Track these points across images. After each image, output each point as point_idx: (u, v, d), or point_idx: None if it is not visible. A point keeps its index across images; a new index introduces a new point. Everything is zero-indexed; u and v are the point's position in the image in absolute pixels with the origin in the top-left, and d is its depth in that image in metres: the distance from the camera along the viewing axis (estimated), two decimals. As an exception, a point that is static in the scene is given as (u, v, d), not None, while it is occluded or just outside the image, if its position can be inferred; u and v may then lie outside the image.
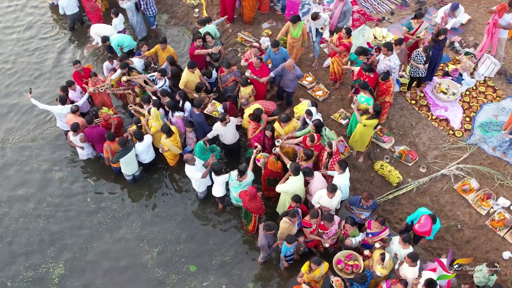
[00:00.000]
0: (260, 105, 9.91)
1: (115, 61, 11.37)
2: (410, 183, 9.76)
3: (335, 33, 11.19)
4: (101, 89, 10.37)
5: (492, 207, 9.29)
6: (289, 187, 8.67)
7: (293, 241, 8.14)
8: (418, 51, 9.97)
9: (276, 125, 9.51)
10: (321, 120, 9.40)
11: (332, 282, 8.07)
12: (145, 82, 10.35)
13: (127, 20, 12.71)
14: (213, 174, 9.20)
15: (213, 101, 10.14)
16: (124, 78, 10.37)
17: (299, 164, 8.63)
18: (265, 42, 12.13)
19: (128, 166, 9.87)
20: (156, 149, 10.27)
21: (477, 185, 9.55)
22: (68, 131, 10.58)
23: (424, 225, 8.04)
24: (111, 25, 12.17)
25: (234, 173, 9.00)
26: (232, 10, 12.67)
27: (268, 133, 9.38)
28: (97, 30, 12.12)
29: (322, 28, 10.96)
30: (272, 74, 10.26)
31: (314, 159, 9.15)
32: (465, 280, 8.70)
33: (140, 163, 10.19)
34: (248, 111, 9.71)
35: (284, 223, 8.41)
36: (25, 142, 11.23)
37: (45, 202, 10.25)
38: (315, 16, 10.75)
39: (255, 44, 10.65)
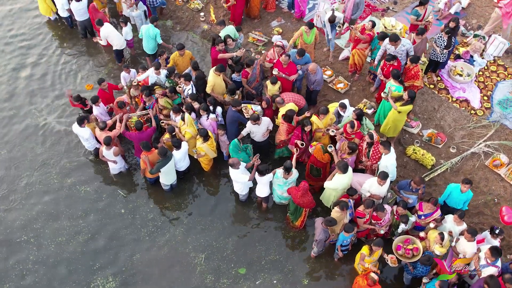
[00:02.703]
0: (292, 99, 10.02)
1: (131, 70, 11.23)
2: (444, 164, 10.10)
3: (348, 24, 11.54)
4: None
5: (524, 179, 9.75)
6: (337, 184, 8.83)
7: (351, 231, 8.30)
8: (441, 35, 10.32)
9: (314, 118, 9.64)
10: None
11: (387, 260, 8.30)
12: (177, 91, 10.35)
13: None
14: (256, 174, 9.23)
15: (244, 105, 10.12)
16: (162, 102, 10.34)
17: (347, 163, 8.78)
18: (277, 40, 12.21)
19: (167, 176, 9.77)
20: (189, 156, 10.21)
21: (507, 159, 9.98)
22: (95, 149, 10.48)
23: (511, 216, 8.49)
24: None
25: (280, 171, 9.07)
26: (240, 16, 12.77)
27: (307, 128, 9.47)
28: (105, 33, 11.75)
29: (339, 27, 11.16)
30: (300, 72, 10.37)
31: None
32: (511, 250, 9.10)
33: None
34: (283, 110, 9.79)
35: (336, 212, 8.56)
36: (47, 159, 10.99)
37: (80, 219, 10.05)
38: (333, 20, 10.98)
39: (278, 43, 10.72)
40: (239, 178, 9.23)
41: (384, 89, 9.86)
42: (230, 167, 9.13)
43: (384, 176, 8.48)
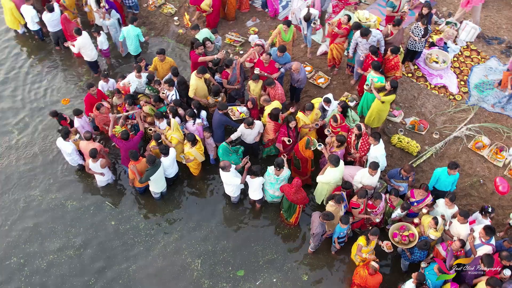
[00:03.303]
0: (277, 91, 10.07)
1: (110, 79, 11.05)
2: (428, 150, 10.31)
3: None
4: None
5: (506, 158, 10.01)
6: (329, 178, 8.91)
7: (348, 222, 8.38)
8: (418, 24, 10.53)
9: (300, 114, 9.69)
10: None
11: (383, 247, 8.43)
12: (162, 100, 10.21)
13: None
14: (248, 177, 9.21)
15: (229, 107, 10.06)
16: (147, 109, 10.19)
17: (338, 156, 8.86)
18: (255, 39, 12.24)
19: (157, 184, 9.65)
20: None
21: (488, 141, 10.25)
22: (79, 164, 10.33)
23: (505, 186, 8.82)
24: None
25: (271, 168, 9.08)
26: (216, 20, 12.62)
27: (292, 124, 9.51)
28: (81, 43, 11.49)
29: (314, 23, 11.24)
30: (282, 70, 10.40)
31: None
32: (500, 228, 9.35)
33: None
34: (268, 109, 9.79)
35: (331, 206, 8.63)
36: (28, 177, 10.71)
37: (70, 234, 9.82)
38: (308, 18, 11.04)
39: (258, 42, 10.73)
40: (231, 181, 9.19)
41: (366, 81, 9.98)
42: (221, 170, 9.08)
43: (375, 166, 8.60)
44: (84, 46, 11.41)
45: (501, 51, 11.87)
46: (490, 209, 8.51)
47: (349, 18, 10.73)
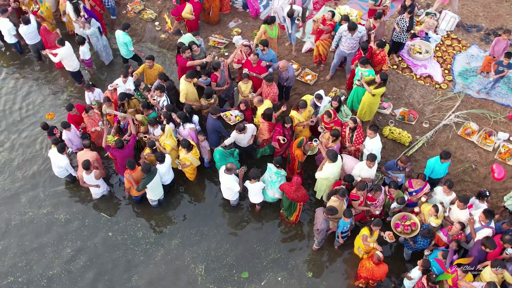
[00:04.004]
0: (273, 89, 10.10)
1: (96, 89, 10.86)
2: (420, 139, 10.47)
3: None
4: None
5: (495, 143, 10.26)
6: (328, 174, 8.97)
7: (351, 215, 8.44)
8: (403, 16, 10.69)
9: (294, 113, 9.71)
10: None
11: (385, 237, 8.52)
12: (152, 106, 10.12)
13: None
14: (248, 182, 9.20)
15: (223, 113, 9.97)
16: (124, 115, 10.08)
17: (336, 151, 8.92)
18: (239, 40, 12.23)
19: (154, 191, 9.53)
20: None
21: (477, 126, 10.48)
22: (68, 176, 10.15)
23: (500, 172, 9.03)
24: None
25: (271, 164, 9.10)
26: (197, 24, 12.44)
27: (288, 124, 9.53)
28: (64, 53, 11.30)
29: (298, 20, 11.28)
30: (270, 70, 10.41)
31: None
32: (495, 211, 9.55)
33: (160, 186, 9.87)
34: (261, 109, 9.78)
35: (334, 201, 8.67)
36: (16, 193, 10.48)
37: (67, 248, 9.65)
38: (291, 14, 11.07)
39: (245, 43, 10.70)
40: (231, 185, 9.13)
41: (355, 76, 10.08)
42: (225, 170, 9.00)
43: (372, 158, 8.70)
44: (66, 56, 11.19)
45: (480, 38, 12.17)
46: (487, 192, 8.72)
47: (333, 14, 10.81)
